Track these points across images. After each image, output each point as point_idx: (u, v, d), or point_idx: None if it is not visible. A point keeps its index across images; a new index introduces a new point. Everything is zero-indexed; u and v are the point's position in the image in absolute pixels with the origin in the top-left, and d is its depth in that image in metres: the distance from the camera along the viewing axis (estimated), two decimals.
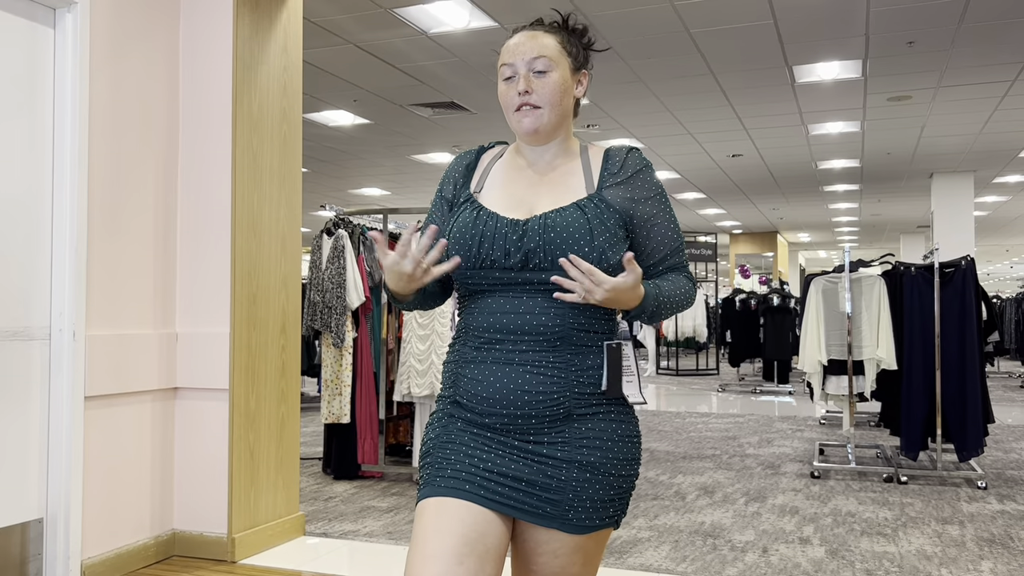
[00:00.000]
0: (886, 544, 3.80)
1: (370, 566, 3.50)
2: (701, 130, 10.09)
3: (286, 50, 3.93)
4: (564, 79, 1.55)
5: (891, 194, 15.48)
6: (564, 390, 1.48)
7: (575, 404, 1.49)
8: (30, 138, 3.15)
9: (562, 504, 1.48)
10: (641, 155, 1.60)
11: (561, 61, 1.55)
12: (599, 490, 1.49)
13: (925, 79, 7.92)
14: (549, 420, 1.48)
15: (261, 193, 3.76)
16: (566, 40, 1.58)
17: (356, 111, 9.04)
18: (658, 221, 1.56)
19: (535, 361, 1.47)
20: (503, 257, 1.49)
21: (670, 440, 6.91)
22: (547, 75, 1.54)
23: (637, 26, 6.44)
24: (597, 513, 1.50)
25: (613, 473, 1.50)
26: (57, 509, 3.18)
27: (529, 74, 1.54)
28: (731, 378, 13.14)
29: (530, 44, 1.54)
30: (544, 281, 1.48)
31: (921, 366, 5.21)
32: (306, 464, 5.81)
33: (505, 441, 1.49)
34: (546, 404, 1.47)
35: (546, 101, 1.54)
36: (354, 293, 5.09)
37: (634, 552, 3.68)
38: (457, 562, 1.37)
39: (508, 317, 1.48)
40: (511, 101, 1.55)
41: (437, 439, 1.53)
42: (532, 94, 1.53)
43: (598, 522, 1.50)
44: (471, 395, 1.50)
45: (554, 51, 1.55)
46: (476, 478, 1.46)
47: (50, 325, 3.21)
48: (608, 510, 1.51)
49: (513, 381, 1.47)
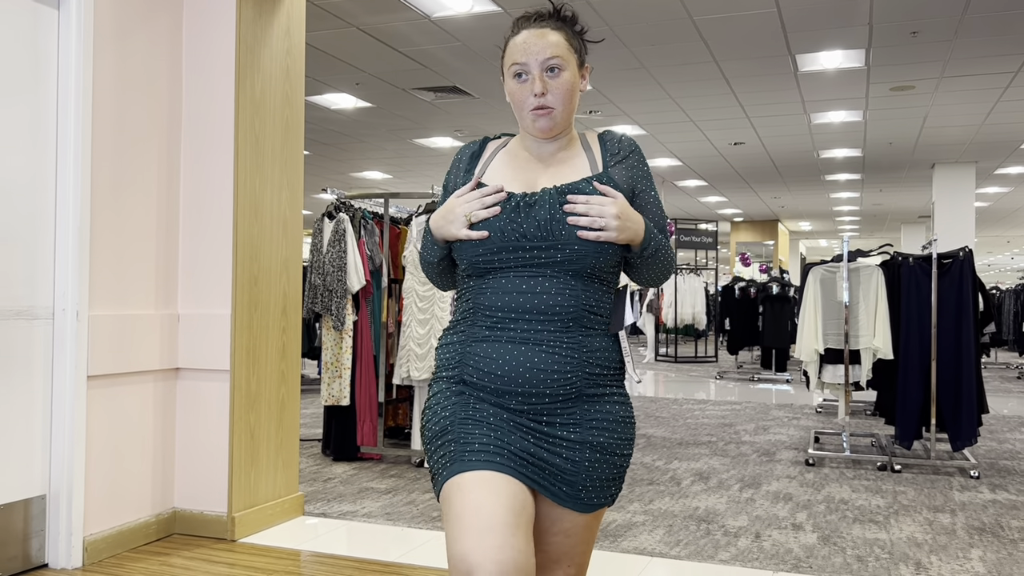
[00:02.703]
0: (877, 531, 3.85)
1: (368, 546, 3.54)
2: (703, 117, 10.08)
3: (289, 33, 3.94)
4: (574, 77, 1.59)
5: (893, 184, 15.48)
6: (576, 370, 1.51)
7: (585, 384, 1.53)
8: (34, 119, 3.17)
9: (576, 484, 1.53)
10: (632, 139, 1.68)
11: (570, 59, 1.58)
12: (607, 469, 1.56)
13: (928, 69, 7.92)
14: (562, 400, 1.51)
15: (263, 176, 3.78)
16: (571, 36, 1.60)
17: (358, 94, 9.04)
18: (650, 199, 1.64)
19: (550, 341, 1.50)
20: (512, 227, 1.51)
21: (667, 426, 6.96)
22: (560, 75, 1.56)
23: (640, 13, 6.43)
24: (604, 491, 1.58)
25: (618, 453, 1.57)
26: (60, 486, 3.22)
27: (543, 75, 1.55)
28: (729, 366, 13.19)
29: (541, 43, 1.55)
30: (559, 262, 1.51)
31: (917, 356, 5.24)
32: (306, 445, 5.86)
33: (520, 423, 1.51)
34: (559, 383, 1.50)
35: (560, 101, 1.56)
36: (355, 276, 5.12)
37: (628, 536, 3.73)
38: (511, 533, 1.35)
39: (525, 297, 1.51)
40: (526, 101, 1.56)
41: (454, 416, 1.52)
42: (548, 95, 1.55)
43: (603, 500, 1.59)
44: (483, 373, 1.51)
45: (564, 49, 1.57)
46: (504, 451, 1.47)
47: (53, 305, 3.24)
48: (611, 489, 1.59)
49: (529, 360, 1.50)
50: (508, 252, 1.52)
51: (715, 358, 14.31)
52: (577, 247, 1.50)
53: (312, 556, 3.40)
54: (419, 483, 4.71)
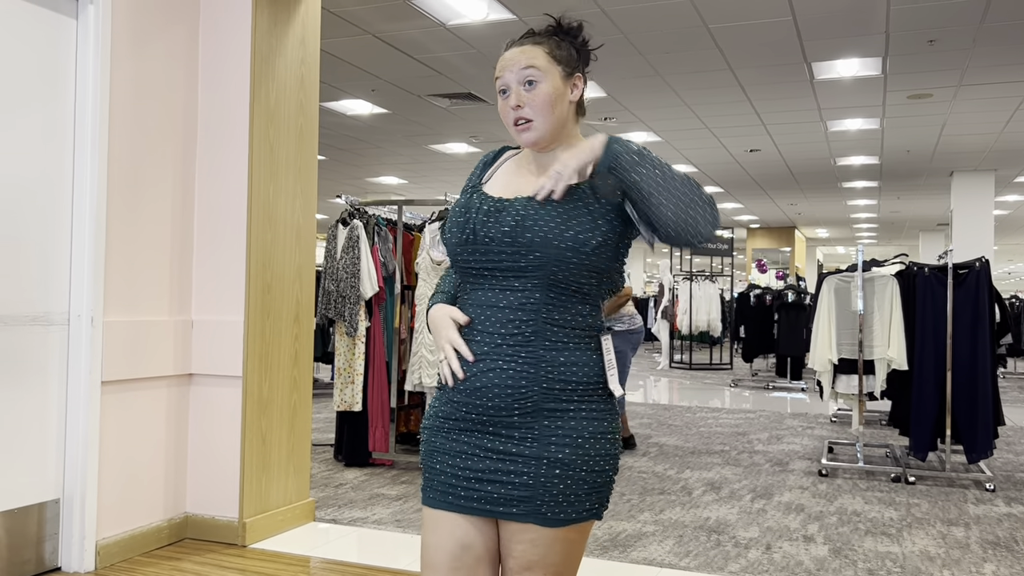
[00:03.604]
0: (890, 544, 3.82)
1: (378, 553, 3.56)
2: (719, 124, 10.06)
3: (304, 42, 3.97)
4: (555, 88, 1.58)
5: (910, 192, 15.37)
6: (532, 384, 1.51)
7: (543, 399, 1.52)
8: (51, 127, 3.21)
9: (534, 500, 1.52)
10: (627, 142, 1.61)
11: (550, 70, 1.58)
12: (571, 485, 1.52)
13: (946, 77, 7.87)
14: (519, 414, 1.52)
15: (277, 184, 3.81)
16: (555, 47, 1.60)
17: (374, 100, 9.09)
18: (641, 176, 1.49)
19: (507, 356, 1.52)
20: (483, 230, 1.54)
21: (679, 435, 6.94)
22: (537, 86, 1.57)
23: (655, 20, 6.43)
24: (572, 507, 1.53)
25: (585, 469, 1.53)
26: (73, 490, 3.26)
27: (520, 88, 1.58)
28: (744, 373, 13.13)
29: (519, 57, 1.58)
30: (523, 268, 1.52)
31: (932, 367, 5.20)
32: (318, 450, 5.88)
33: (480, 443, 1.55)
34: (515, 398, 1.52)
35: (538, 113, 1.57)
36: (368, 283, 5.15)
37: (638, 546, 3.72)
38: (453, 571, 1.57)
39: (489, 311, 1.54)
40: (507, 116, 1.60)
41: (427, 442, 1.62)
42: (524, 107, 1.57)
43: (575, 515, 1.54)
44: (455, 390, 1.58)
45: (542, 61, 1.58)
46: (462, 483, 1.56)
47: (69, 311, 3.28)
48: (584, 503, 1.54)
49: (486, 375, 1.53)
50: (480, 255, 1.55)
51: (730, 365, 14.24)
52: (539, 254, 1.50)
53: (322, 562, 3.41)
54: None
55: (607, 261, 1.55)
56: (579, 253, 1.50)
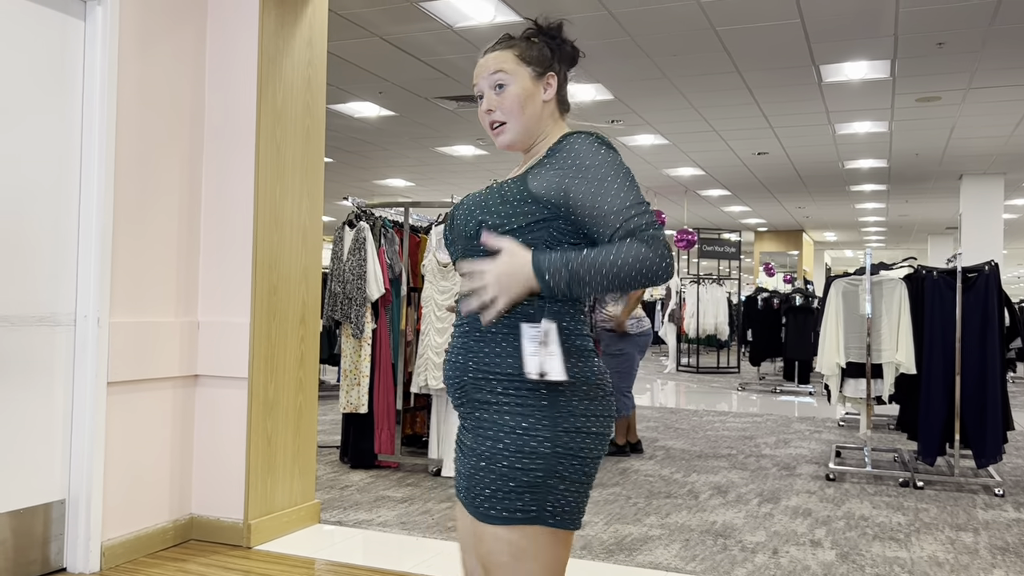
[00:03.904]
0: (898, 549, 3.79)
1: (383, 555, 3.55)
2: (726, 127, 10.03)
3: (311, 44, 3.98)
4: (523, 89, 1.61)
5: (919, 195, 15.31)
6: (463, 374, 1.56)
7: (472, 388, 1.55)
8: (59, 128, 3.22)
9: (470, 491, 1.51)
10: (585, 138, 1.55)
11: (518, 71, 1.62)
12: (496, 480, 1.47)
13: (955, 80, 7.83)
14: (461, 403, 1.59)
15: (284, 186, 3.81)
16: (525, 49, 1.63)
17: (381, 103, 9.09)
18: (602, 190, 1.48)
19: (455, 346, 1.60)
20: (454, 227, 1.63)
21: (686, 438, 6.92)
22: (506, 88, 1.62)
23: (663, 23, 6.42)
24: (501, 503, 1.47)
25: (507, 464, 1.47)
26: (79, 491, 3.26)
27: (491, 92, 1.63)
28: (751, 377, 13.09)
29: (489, 63, 1.63)
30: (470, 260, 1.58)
31: (941, 371, 5.17)
32: (323, 452, 5.88)
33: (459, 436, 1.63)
34: (453, 387, 1.60)
35: (508, 114, 1.62)
36: (374, 285, 5.14)
37: (644, 550, 3.70)
38: (467, 552, 1.71)
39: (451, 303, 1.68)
40: (483, 120, 1.66)
41: None
42: (495, 111, 1.63)
43: (505, 515, 1.47)
44: None
45: (511, 64, 1.62)
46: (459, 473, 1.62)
47: (75, 311, 3.28)
48: (516, 503, 1.47)
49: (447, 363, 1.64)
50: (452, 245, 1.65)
51: (737, 369, 14.20)
52: (471, 249, 1.57)
53: (327, 564, 3.40)
54: (435, 492, 4.71)
55: None
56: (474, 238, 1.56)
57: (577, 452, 1.49)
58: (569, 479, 1.49)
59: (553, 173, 1.53)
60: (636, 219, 1.45)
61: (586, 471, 1.51)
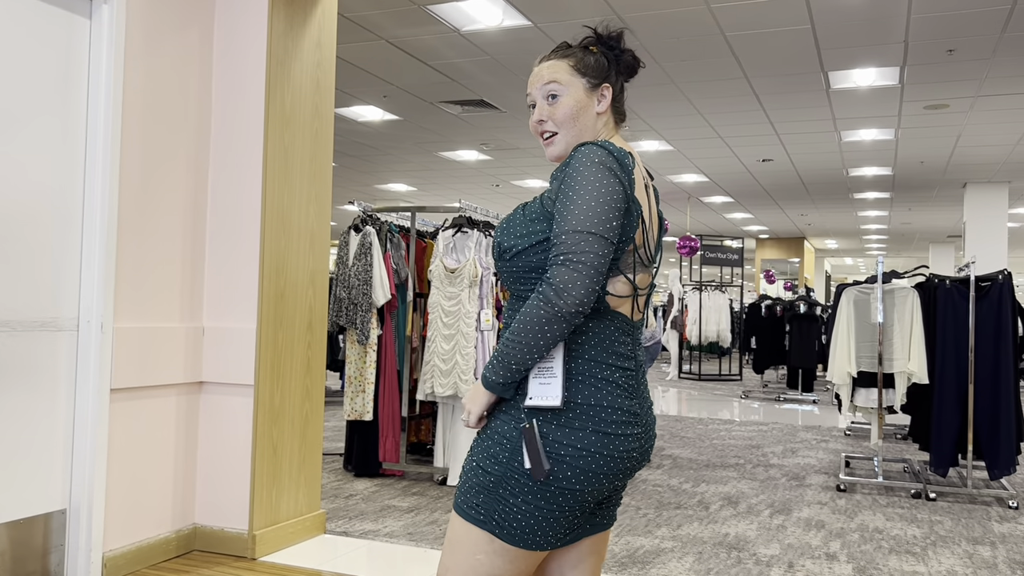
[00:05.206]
0: (915, 563, 3.72)
1: (389, 567, 3.47)
2: (732, 134, 9.98)
3: (320, 45, 3.91)
4: (576, 100, 1.60)
5: (922, 203, 15.26)
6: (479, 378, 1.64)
7: None
8: (64, 129, 3.15)
9: None
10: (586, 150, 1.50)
11: (573, 82, 1.60)
12: (467, 473, 1.54)
13: (964, 88, 7.78)
14: None
15: (291, 189, 3.74)
16: (581, 59, 1.62)
17: (386, 107, 9.03)
18: (563, 211, 1.46)
19: None
20: None
21: (692, 447, 6.84)
22: (558, 99, 1.60)
23: (671, 28, 6.37)
24: (463, 497, 1.54)
25: (475, 460, 1.53)
26: (80, 500, 3.18)
27: (544, 102, 1.62)
28: (754, 384, 13.02)
29: (543, 72, 1.62)
30: None
31: (953, 381, 5.11)
32: (327, 460, 5.80)
33: None
34: None
35: (560, 125, 1.61)
36: (380, 290, 5.07)
37: (657, 562, 3.63)
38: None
39: None
40: (535, 130, 1.65)
41: None
42: (547, 121, 1.61)
43: (460, 501, 1.54)
44: None
45: (565, 75, 1.60)
46: None
47: (78, 317, 3.21)
48: (471, 500, 1.51)
49: None
50: None
51: (739, 376, 14.13)
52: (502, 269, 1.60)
53: None
54: (441, 502, 4.63)
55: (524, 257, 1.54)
56: (502, 259, 1.57)
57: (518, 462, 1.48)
58: (522, 496, 1.46)
59: (556, 187, 1.54)
60: (557, 247, 1.43)
61: (547, 495, 1.46)
